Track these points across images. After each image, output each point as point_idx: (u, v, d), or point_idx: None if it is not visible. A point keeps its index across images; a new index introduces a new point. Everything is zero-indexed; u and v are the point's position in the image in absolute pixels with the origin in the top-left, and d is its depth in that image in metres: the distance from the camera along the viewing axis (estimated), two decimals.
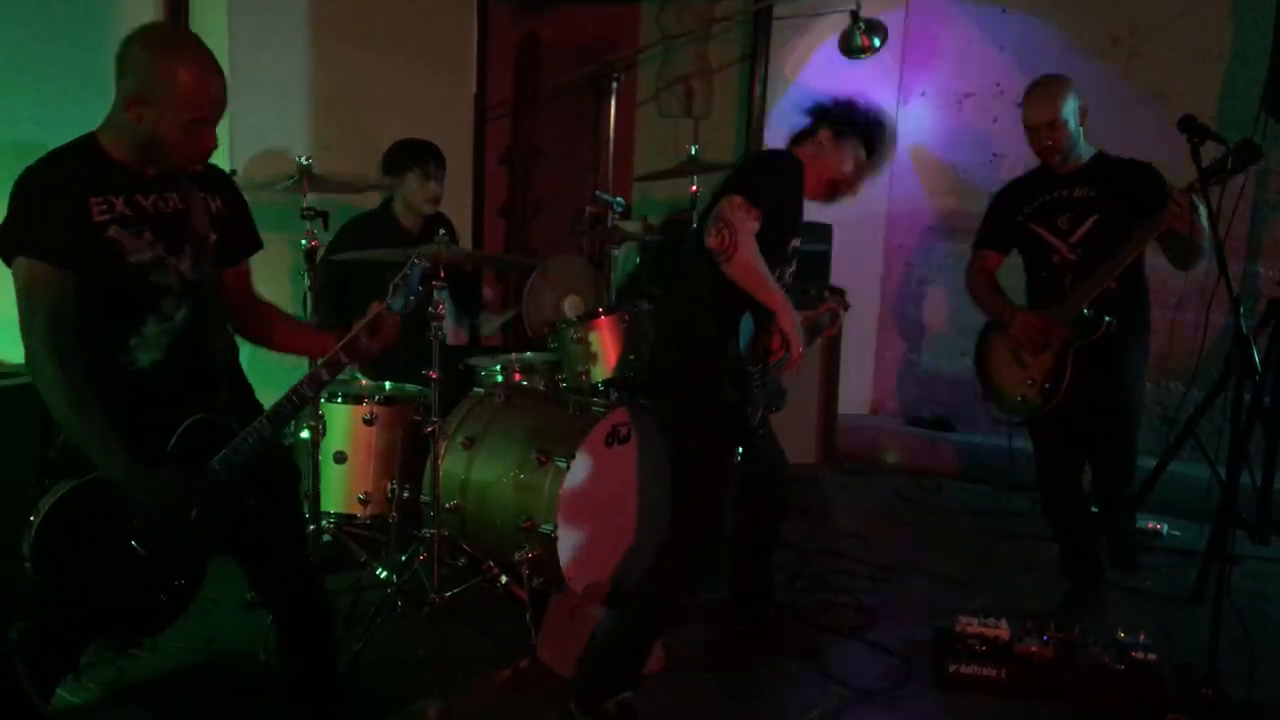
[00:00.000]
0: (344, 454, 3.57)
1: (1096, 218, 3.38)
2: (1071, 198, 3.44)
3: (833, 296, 3.36)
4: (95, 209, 2.14)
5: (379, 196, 4.23)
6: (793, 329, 2.66)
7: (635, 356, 3.51)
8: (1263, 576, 3.92)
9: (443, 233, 3.38)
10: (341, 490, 3.59)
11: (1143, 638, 2.99)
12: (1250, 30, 4.62)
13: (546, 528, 3.19)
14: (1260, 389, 3.93)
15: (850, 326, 5.14)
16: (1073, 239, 3.42)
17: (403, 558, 3.46)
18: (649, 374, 3.25)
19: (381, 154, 4.22)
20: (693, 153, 4.33)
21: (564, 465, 3.20)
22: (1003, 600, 3.54)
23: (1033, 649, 2.98)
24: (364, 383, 3.83)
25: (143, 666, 2.92)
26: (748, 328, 2.68)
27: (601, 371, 3.52)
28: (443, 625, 3.21)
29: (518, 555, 3.22)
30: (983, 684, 2.96)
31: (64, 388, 2.06)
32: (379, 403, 3.60)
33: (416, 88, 4.88)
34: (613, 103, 4.90)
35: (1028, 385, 3.45)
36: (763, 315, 2.69)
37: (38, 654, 2.21)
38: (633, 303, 3.64)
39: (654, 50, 5.76)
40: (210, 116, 2.18)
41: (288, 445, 3.50)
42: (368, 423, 3.57)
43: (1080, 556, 3.57)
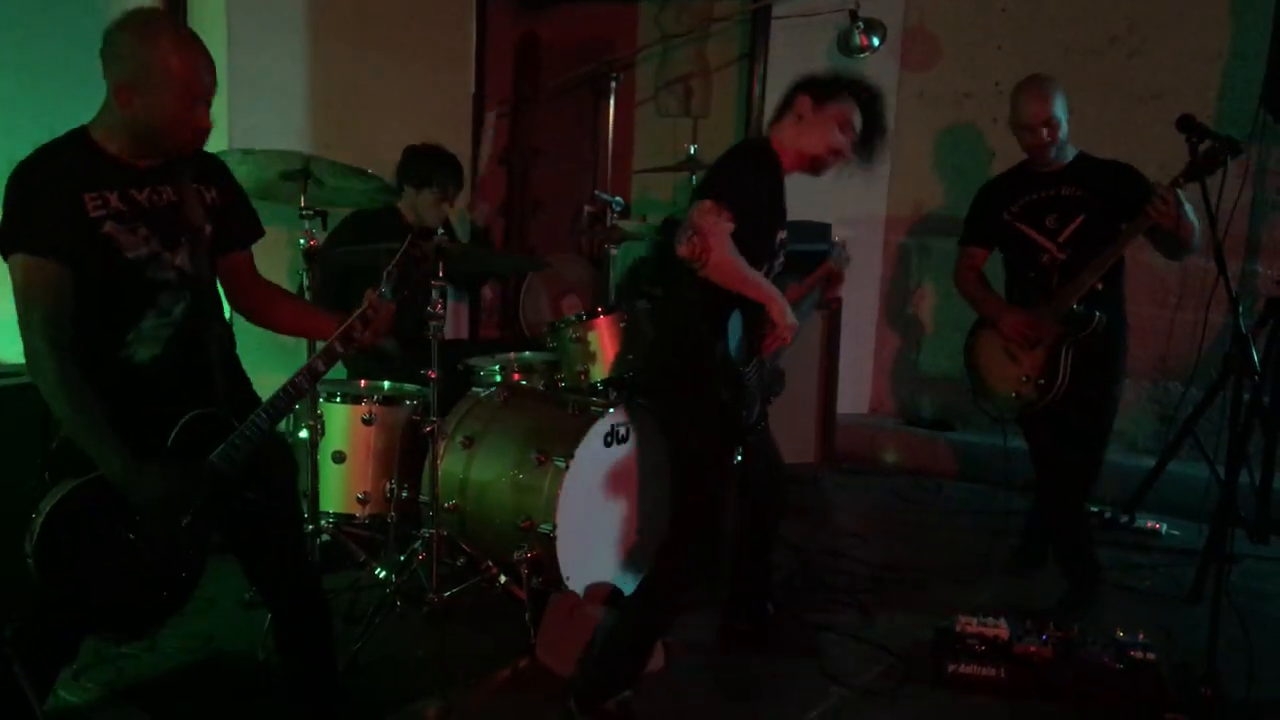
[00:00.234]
0: (343, 453, 3.57)
1: (1083, 217, 3.39)
2: (1058, 196, 3.45)
3: (832, 252, 3.22)
4: (90, 204, 2.12)
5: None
6: (783, 317, 2.63)
7: (634, 356, 3.51)
8: (1261, 576, 3.92)
9: (442, 231, 3.38)
10: (340, 490, 3.58)
11: (1142, 637, 2.99)
12: (1249, 29, 4.62)
13: (545, 527, 3.18)
14: (1259, 388, 3.93)
15: (849, 326, 5.15)
16: (1061, 238, 3.43)
17: (401, 557, 3.46)
18: (647, 374, 3.25)
19: (383, 152, 4.20)
20: (691, 152, 4.33)
21: (563, 465, 3.20)
22: (1002, 600, 3.54)
23: (1032, 649, 2.97)
24: (363, 383, 3.83)
25: (141, 666, 2.92)
26: (736, 328, 2.66)
27: (600, 371, 3.52)
28: (442, 625, 3.21)
29: (516, 555, 3.22)
30: (982, 684, 2.96)
31: (63, 385, 2.05)
32: (378, 402, 3.60)
33: (415, 87, 4.87)
34: (611, 102, 4.91)
35: (1022, 382, 3.46)
36: (752, 309, 2.67)
37: (35, 651, 2.21)
38: (632, 303, 3.63)
39: (653, 49, 5.76)
40: (201, 94, 2.15)
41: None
42: (366, 422, 3.57)
43: (1077, 554, 3.57)
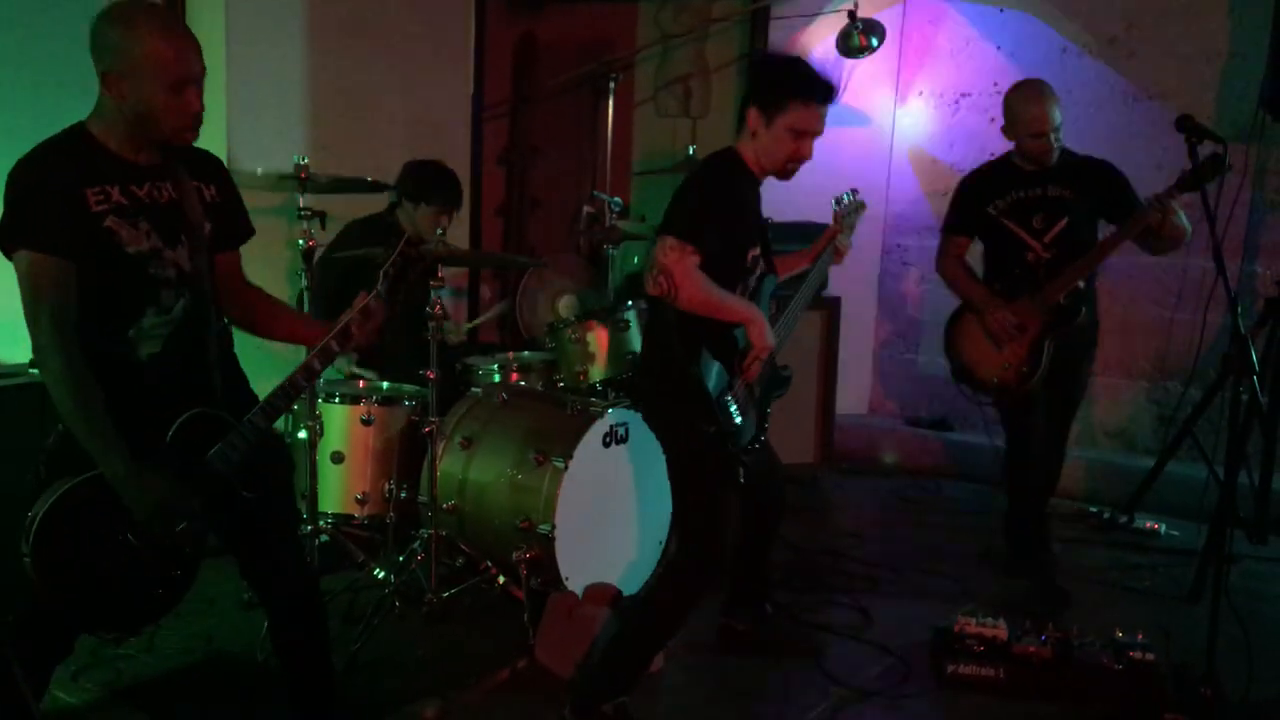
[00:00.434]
0: (341, 454, 3.57)
1: (1067, 220, 3.50)
2: (1045, 197, 3.54)
3: (838, 208, 3.11)
4: (92, 199, 2.12)
5: (385, 198, 4.21)
6: (761, 338, 2.64)
7: (632, 356, 3.50)
8: (1260, 576, 3.92)
9: (440, 233, 3.38)
10: (339, 490, 3.58)
11: (1141, 637, 3.00)
12: (1248, 29, 4.62)
13: (544, 528, 3.18)
14: (1258, 389, 3.93)
15: (849, 326, 5.15)
16: (1047, 239, 3.53)
17: (400, 558, 3.45)
18: (638, 385, 3.21)
19: (381, 152, 4.20)
20: (690, 152, 4.33)
21: (562, 465, 3.19)
22: (1001, 600, 3.54)
23: (1031, 649, 2.98)
24: (362, 383, 3.83)
25: (140, 666, 2.92)
26: (710, 369, 2.62)
27: (599, 371, 3.52)
28: (440, 625, 3.22)
29: (515, 555, 3.22)
30: (981, 684, 2.96)
31: (70, 381, 2.05)
32: (376, 403, 3.59)
33: (413, 87, 4.86)
34: (610, 102, 4.91)
35: (1004, 369, 3.59)
36: (725, 334, 2.65)
37: (32, 649, 2.21)
38: (631, 303, 3.63)
39: (652, 50, 5.75)
40: (188, 77, 2.14)
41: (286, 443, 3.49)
42: (365, 423, 3.56)
43: (1029, 524, 3.76)
